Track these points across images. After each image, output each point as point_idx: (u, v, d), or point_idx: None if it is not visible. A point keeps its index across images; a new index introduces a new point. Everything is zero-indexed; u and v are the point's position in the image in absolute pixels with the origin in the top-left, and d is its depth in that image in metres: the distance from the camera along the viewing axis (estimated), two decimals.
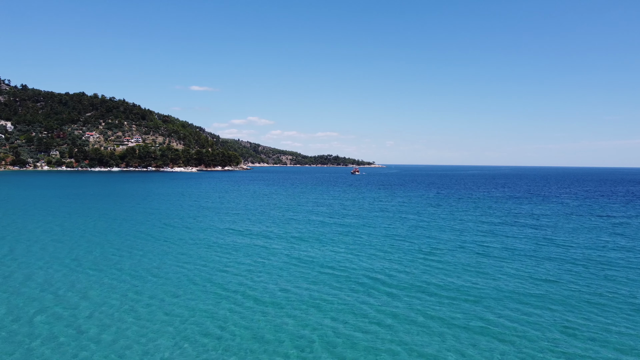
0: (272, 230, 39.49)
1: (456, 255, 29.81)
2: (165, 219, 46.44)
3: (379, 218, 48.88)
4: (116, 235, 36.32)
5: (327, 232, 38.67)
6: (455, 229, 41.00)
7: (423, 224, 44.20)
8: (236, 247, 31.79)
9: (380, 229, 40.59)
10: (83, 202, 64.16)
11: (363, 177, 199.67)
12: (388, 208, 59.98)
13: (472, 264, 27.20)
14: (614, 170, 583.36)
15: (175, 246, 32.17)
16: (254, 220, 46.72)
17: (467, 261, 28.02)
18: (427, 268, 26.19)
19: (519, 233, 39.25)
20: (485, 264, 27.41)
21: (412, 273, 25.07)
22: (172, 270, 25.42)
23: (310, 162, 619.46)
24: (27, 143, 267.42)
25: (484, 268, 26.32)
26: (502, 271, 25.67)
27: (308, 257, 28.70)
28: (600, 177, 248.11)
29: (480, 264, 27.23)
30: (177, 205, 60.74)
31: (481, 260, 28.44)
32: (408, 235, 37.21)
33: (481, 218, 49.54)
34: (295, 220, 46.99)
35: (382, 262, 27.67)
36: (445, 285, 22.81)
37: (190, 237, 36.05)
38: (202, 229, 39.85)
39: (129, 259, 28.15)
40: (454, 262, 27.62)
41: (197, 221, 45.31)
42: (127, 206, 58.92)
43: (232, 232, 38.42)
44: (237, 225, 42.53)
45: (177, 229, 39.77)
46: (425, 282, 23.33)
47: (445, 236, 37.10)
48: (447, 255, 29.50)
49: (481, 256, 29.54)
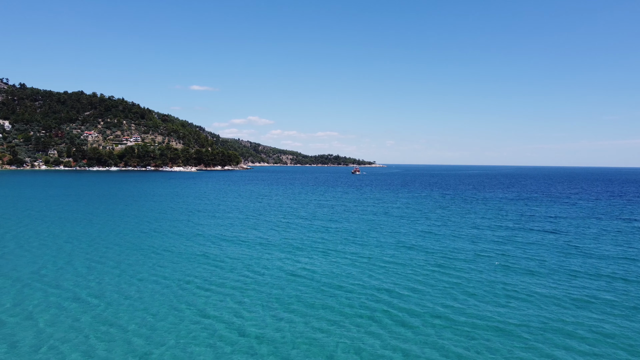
0: (268, 238, 35.75)
1: (476, 267, 26.08)
2: (153, 224, 42.79)
3: (384, 222, 45.15)
4: (90, 243, 32.65)
5: (329, 239, 34.93)
6: (470, 235, 37.25)
7: (433, 229, 40.47)
8: (225, 260, 28.07)
9: (387, 235, 36.86)
10: (68, 203, 60.54)
11: (364, 177, 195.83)
12: (393, 210, 56.24)
13: (496, 280, 23.45)
14: (615, 170, 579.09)
15: (156, 257, 28.48)
16: (249, 224, 43.01)
17: (490, 276, 24.27)
18: (444, 286, 22.44)
19: (541, 240, 35.47)
20: (512, 279, 23.67)
21: (427, 293, 21.33)
22: (144, 289, 21.72)
23: (311, 161, 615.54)
24: (25, 142, 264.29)
25: (510, 285, 22.58)
26: (532, 289, 21.94)
27: (307, 272, 24.97)
28: (604, 177, 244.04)
29: (506, 280, 23.49)
30: (169, 208, 57.11)
31: (506, 274, 24.69)
32: (419, 243, 33.47)
33: (495, 222, 45.77)
34: (295, 224, 43.28)
35: (391, 277, 23.96)
36: (468, 310, 19.08)
37: (176, 245, 32.36)
38: (191, 236, 36.16)
39: (96, 273, 24.48)
40: (475, 279, 23.87)
41: (187, 226, 41.64)
42: (115, 208, 55.28)
43: (224, 240, 34.71)
44: (230, 231, 38.84)
45: (163, 236, 36.09)
46: (443, 305, 19.61)
47: (460, 244, 33.36)
48: (466, 269, 25.75)
49: (505, 270, 25.78)
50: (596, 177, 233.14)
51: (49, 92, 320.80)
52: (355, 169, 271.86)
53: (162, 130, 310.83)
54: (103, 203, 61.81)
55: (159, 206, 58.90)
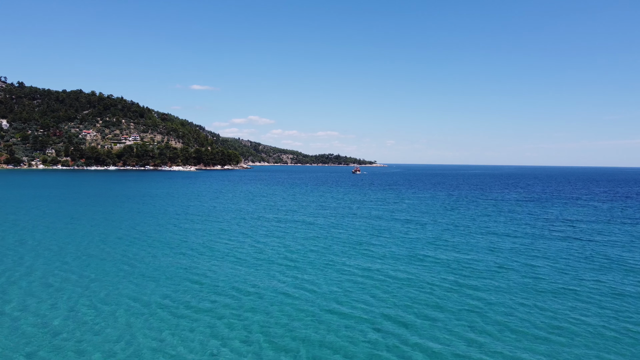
0: (261, 247, 31.79)
1: (501, 285, 22.24)
2: (135, 228, 39.03)
3: (391, 227, 41.28)
4: (58, 252, 28.87)
5: (329, 249, 30.98)
6: (486, 243, 33.42)
7: (445, 235, 36.62)
8: (208, 275, 24.23)
9: (394, 244, 32.99)
10: (50, 205, 56.80)
11: (365, 177, 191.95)
12: (399, 213, 52.38)
13: (529, 303, 19.57)
14: (617, 170, 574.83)
15: (127, 270, 24.67)
16: (242, 230, 39.16)
17: (521, 298, 20.41)
18: (466, 313, 18.60)
19: (567, 248, 31.59)
20: (548, 302, 19.80)
21: (445, 323, 17.47)
22: (102, 312, 17.97)
23: (311, 161, 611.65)
24: (23, 141, 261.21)
25: (548, 310, 18.73)
26: (578, 318, 18.09)
27: (303, 292, 21.11)
28: (608, 177, 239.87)
29: (541, 303, 19.61)
30: (161, 210, 53.37)
31: (539, 295, 20.83)
32: (430, 253, 29.61)
33: (510, 227, 41.90)
34: (292, 231, 39.41)
35: (402, 300, 20.16)
36: (499, 348, 15.28)
37: (154, 256, 28.59)
38: (175, 244, 32.37)
39: (51, 291, 20.71)
40: (502, 302, 20.01)
41: (173, 232, 37.87)
42: (98, 210, 51.54)
43: (211, 250, 30.89)
44: (220, 239, 35.03)
45: (142, 244, 32.32)
46: (467, 341, 15.80)
47: (477, 254, 29.52)
48: (489, 288, 21.89)
49: (536, 287, 21.93)
50: (600, 177, 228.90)
51: (47, 91, 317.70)
52: (355, 169, 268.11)
53: (162, 129, 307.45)
54: (88, 204, 58.10)
55: (148, 208, 55.16)
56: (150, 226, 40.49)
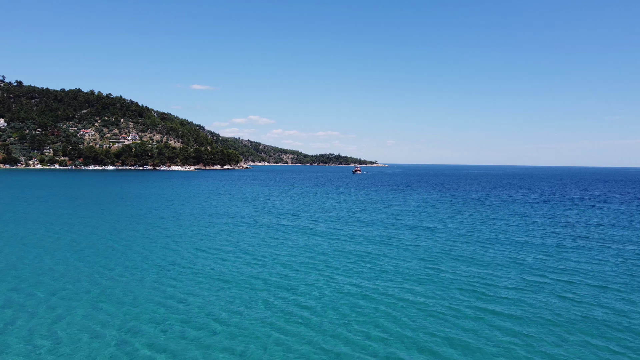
0: (254, 260, 27.64)
1: (538, 307, 18.51)
2: (117, 234, 35.37)
3: (398, 234, 37.35)
4: (20, 261, 25.25)
5: (332, 261, 27.07)
6: (506, 252, 29.67)
7: (459, 243, 32.86)
8: (184, 299, 20.42)
9: (404, 255, 29.16)
10: (26, 205, 53.13)
11: (366, 177, 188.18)
12: (405, 217, 48.60)
13: (578, 340, 15.85)
14: (618, 171, 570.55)
15: (95, 292, 21.02)
16: (234, 238, 35.36)
17: (568, 328, 16.65)
18: (505, 347, 14.90)
19: (601, 259, 27.77)
20: (604, 331, 16.11)
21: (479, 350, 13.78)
22: (64, 339, 14.29)
23: (312, 161, 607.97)
24: (20, 140, 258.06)
25: (615, 349, 15.05)
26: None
27: (296, 324, 17.22)
28: (612, 177, 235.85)
29: (600, 335, 15.92)
30: (149, 212, 49.73)
31: (595, 326, 17.10)
32: (447, 266, 25.76)
33: (529, 232, 38.10)
34: (290, 238, 35.61)
35: (420, 325, 16.46)
36: None
37: (130, 269, 24.92)
38: (155, 255, 28.64)
39: (2, 318, 17.08)
40: (544, 333, 16.28)
41: (156, 239, 34.19)
42: (80, 213, 47.81)
43: (195, 262, 27.11)
44: (208, 247, 31.34)
45: (117, 254, 28.64)
46: None
47: (501, 267, 25.73)
48: (526, 313, 18.14)
49: (585, 314, 18.16)
50: (603, 177, 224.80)
51: (45, 90, 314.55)
52: (356, 169, 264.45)
53: (161, 129, 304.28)
54: (73, 205, 54.47)
55: (133, 210, 51.48)
56: (132, 232, 36.81)
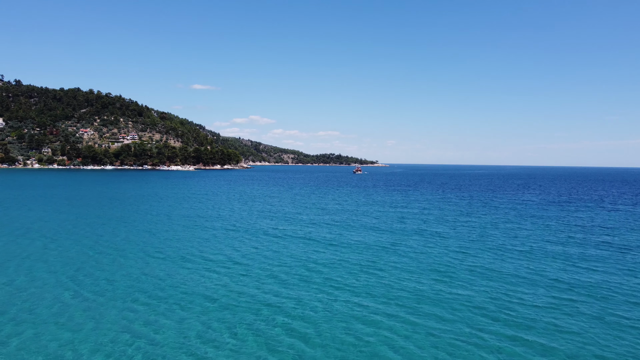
0: (247, 269, 25.29)
1: (563, 323, 16.49)
2: (96, 239, 33.25)
3: (406, 240, 35.12)
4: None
5: (334, 275, 24.63)
6: (528, 261, 27.57)
7: (471, 249, 30.74)
8: (159, 327, 18.30)
9: (414, 264, 26.95)
10: (7, 208, 51.05)
11: (367, 177, 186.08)
12: (411, 220, 46.49)
13: None
14: (619, 171, 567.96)
15: (53, 309, 18.96)
16: (228, 243, 33.21)
17: (604, 348, 14.63)
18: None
19: (634, 269, 25.73)
20: None
21: None
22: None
23: (313, 161, 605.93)
24: (19, 140, 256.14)
25: None
26: None
27: (290, 351, 15.29)
28: (616, 177, 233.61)
29: None
30: (138, 214, 47.69)
31: None
32: (464, 281, 23.56)
33: (545, 237, 36.00)
34: (288, 246, 33.39)
35: (435, 349, 14.39)
36: None
37: (101, 281, 22.85)
38: (135, 262, 26.53)
39: None
40: None
41: (140, 244, 32.12)
42: (64, 216, 45.77)
43: (177, 278, 24.08)
44: (198, 253, 29.23)
45: (93, 262, 26.54)
46: None
47: (519, 277, 23.69)
48: (549, 330, 16.11)
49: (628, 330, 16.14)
50: (607, 177, 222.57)
51: (44, 89, 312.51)
52: (357, 169, 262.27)
53: (160, 128, 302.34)
54: (58, 206, 52.43)
55: (124, 212, 49.40)
56: (107, 236, 34.73)
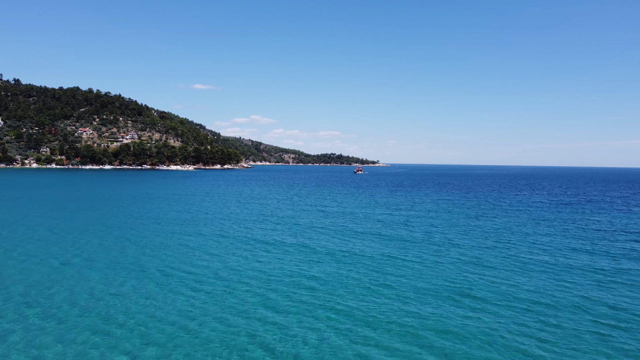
0: (232, 287, 21.49)
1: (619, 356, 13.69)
2: (69, 245, 30.51)
3: (414, 246, 32.19)
4: None
5: (337, 286, 21.85)
6: (551, 273, 24.77)
7: (490, 260, 27.76)
8: (124, 357, 15.42)
9: (426, 274, 24.06)
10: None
11: (369, 177, 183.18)
12: (418, 224, 43.63)
13: None
14: (622, 171, 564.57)
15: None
16: (217, 252, 29.99)
17: None
18: None
19: None
20: None
21: None
22: None
23: (313, 160, 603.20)
24: (17, 139, 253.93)
25: None
26: None
27: None
28: (621, 177, 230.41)
29: None
30: (125, 217, 44.95)
31: None
32: (486, 294, 20.76)
33: (565, 242, 33.16)
34: (286, 251, 30.58)
35: None
36: None
37: (60, 303, 20.08)
38: (105, 276, 23.81)
39: None
40: None
41: (117, 253, 29.35)
42: (46, 217, 43.08)
43: (151, 298, 20.93)
44: (182, 266, 26.32)
45: (57, 274, 23.79)
46: None
47: (554, 297, 20.87)
48: None
49: None
50: (611, 177, 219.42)
51: (43, 88, 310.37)
52: (357, 169, 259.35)
53: (160, 128, 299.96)
54: (42, 207, 49.74)
55: (105, 215, 46.58)
56: (82, 242, 31.95)
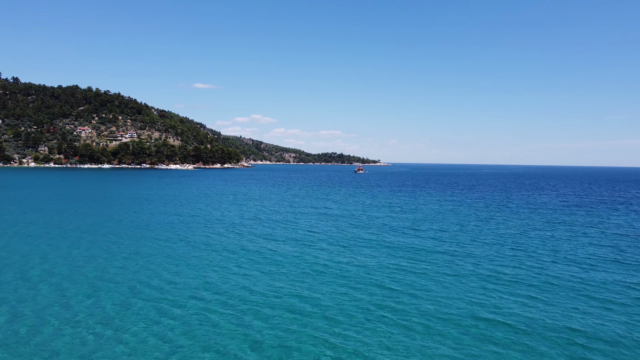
0: (209, 311, 17.91)
1: None
2: (48, 256, 27.92)
3: (426, 255, 29.27)
4: None
5: (339, 310, 18.86)
6: (582, 288, 22.03)
7: (512, 273, 25.06)
8: None
9: (443, 291, 21.33)
10: None
11: (370, 177, 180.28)
12: (425, 228, 40.76)
13: None
14: (623, 170, 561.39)
15: None
16: (200, 264, 26.46)
17: None
18: None
19: None
20: None
21: None
22: None
23: (314, 160, 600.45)
24: (15, 138, 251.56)
25: None
26: None
27: None
28: (625, 177, 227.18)
29: None
30: (110, 222, 42.23)
31: None
32: (517, 316, 18.07)
33: (590, 249, 30.36)
34: (279, 262, 27.71)
35: None
36: None
37: (30, 321, 17.40)
38: (60, 292, 21.10)
39: None
40: None
41: (92, 268, 26.71)
42: (28, 217, 40.43)
43: (109, 324, 18.70)
44: (155, 282, 23.55)
45: (24, 292, 21.14)
46: None
47: (600, 322, 18.15)
48: None
49: None
50: (616, 177, 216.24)
51: (42, 87, 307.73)
52: (358, 168, 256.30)
53: (160, 127, 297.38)
54: (18, 211, 47.08)
55: (88, 220, 43.90)
56: (57, 252, 29.30)
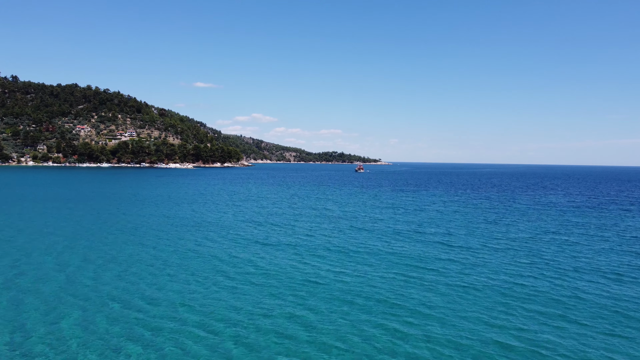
0: (200, 324, 16.16)
1: None
2: (17, 263, 25.86)
3: (435, 262, 27.17)
4: None
5: (337, 320, 17.09)
6: (615, 300, 19.93)
7: (532, 283, 22.84)
8: None
9: (454, 301, 19.26)
10: None
11: (371, 176, 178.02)
12: (432, 231, 38.54)
13: None
14: (625, 170, 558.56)
15: None
16: (185, 274, 23.82)
17: None
18: None
19: None
20: None
21: None
22: None
23: (315, 159, 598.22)
24: (13, 137, 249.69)
25: None
26: None
27: None
28: (630, 177, 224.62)
29: None
30: (95, 225, 40.13)
31: None
32: (544, 333, 16.04)
33: (612, 256, 28.22)
34: (274, 273, 25.53)
35: None
36: None
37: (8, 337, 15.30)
38: (22, 319, 19.03)
39: None
40: None
41: (63, 279, 24.61)
42: (12, 219, 38.41)
43: (68, 351, 16.62)
44: (137, 296, 21.43)
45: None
46: None
47: None
48: None
49: None
50: (621, 177, 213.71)
51: (41, 85, 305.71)
52: (359, 167, 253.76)
53: (159, 125, 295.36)
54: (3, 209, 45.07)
55: (72, 222, 41.84)
56: (33, 257, 27.21)
